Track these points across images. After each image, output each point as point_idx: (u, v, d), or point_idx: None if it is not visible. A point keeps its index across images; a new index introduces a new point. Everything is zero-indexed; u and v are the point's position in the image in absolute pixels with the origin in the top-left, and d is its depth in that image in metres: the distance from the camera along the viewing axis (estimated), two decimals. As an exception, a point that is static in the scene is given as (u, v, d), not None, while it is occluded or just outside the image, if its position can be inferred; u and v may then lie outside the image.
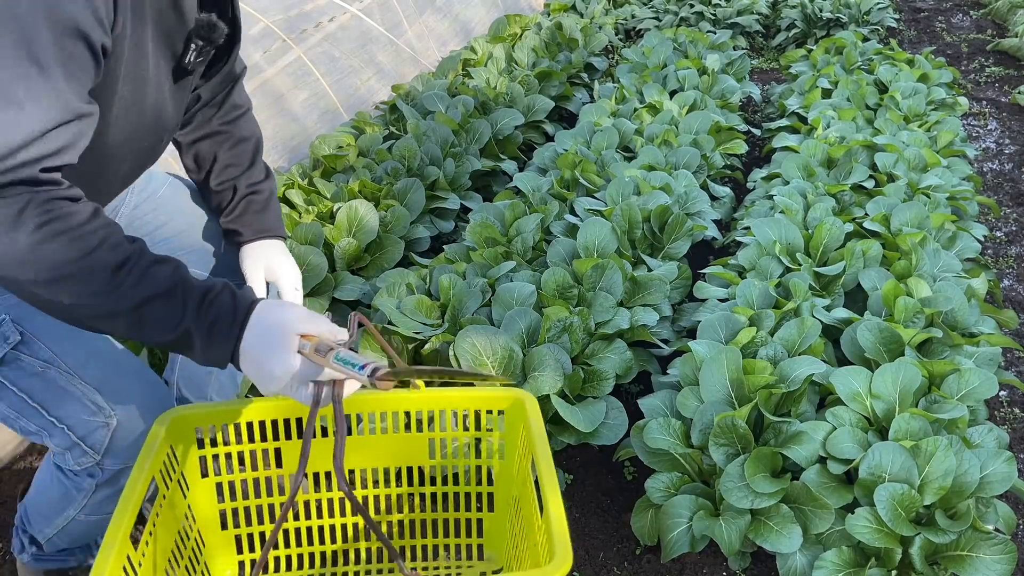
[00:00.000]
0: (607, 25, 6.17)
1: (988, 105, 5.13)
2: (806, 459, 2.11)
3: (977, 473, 2.01)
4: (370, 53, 4.78)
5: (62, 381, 1.54)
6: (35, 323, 1.54)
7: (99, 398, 1.55)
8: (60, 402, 1.54)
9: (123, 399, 1.56)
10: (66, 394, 1.54)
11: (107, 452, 1.58)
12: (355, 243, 3.11)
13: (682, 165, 3.67)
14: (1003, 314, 2.91)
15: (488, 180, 4.05)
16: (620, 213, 3.06)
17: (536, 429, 1.61)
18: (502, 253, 2.98)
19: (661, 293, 2.78)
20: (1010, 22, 6.40)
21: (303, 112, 4.13)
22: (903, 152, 3.62)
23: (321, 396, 1.32)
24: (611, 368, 2.49)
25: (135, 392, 1.59)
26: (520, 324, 2.53)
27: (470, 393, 1.75)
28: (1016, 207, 4.02)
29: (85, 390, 1.55)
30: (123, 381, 1.58)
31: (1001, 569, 1.92)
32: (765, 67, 5.96)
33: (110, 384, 1.56)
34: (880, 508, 1.94)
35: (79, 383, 1.55)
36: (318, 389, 1.33)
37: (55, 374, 1.54)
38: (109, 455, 1.59)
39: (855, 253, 2.85)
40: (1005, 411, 2.74)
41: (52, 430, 1.56)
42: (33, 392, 1.54)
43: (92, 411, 1.55)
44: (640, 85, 4.61)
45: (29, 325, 1.54)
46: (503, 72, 4.97)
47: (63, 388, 1.54)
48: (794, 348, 2.41)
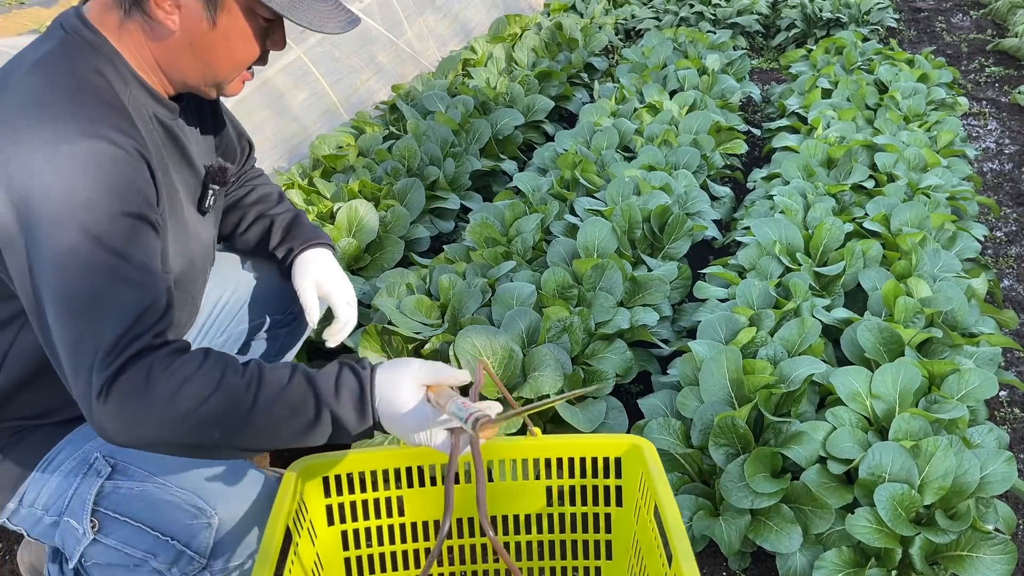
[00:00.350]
0: (607, 25, 6.17)
1: (988, 105, 5.13)
2: (806, 459, 2.11)
3: (977, 473, 2.01)
4: (370, 53, 4.78)
5: (160, 493, 1.56)
6: (123, 451, 1.59)
7: (198, 500, 1.56)
8: (162, 514, 1.55)
9: (221, 496, 1.57)
10: (166, 504, 1.55)
11: (213, 553, 1.57)
12: (355, 243, 3.11)
13: (682, 165, 3.67)
14: (1003, 314, 2.91)
15: (488, 180, 4.05)
16: (620, 213, 3.06)
17: (657, 476, 1.58)
18: (502, 253, 2.98)
19: (661, 293, 2.78)
20: (1010, 22, 6.40)
21: (303, 112, 4.13)
22: (903, 152, 3.62)
23: (459, 443, 1.37)
24: (611, 368, 2.49)
25: (231, 486, 1.60)
26: (520, 324, 2.53)
27: (586, 440, 1.74)
28: (1016, 207, 4.02)
29: (184, 496, 1.56)
30: (218, 478, 1.60)
31: (1001, 569, 1.92)
32: (765, 67, 5.96)
33: (205, 484, 1.58)
34: (880, 508, 1.94)
35: (176, 491, 1.56)
36: (455, 438, 1.38)
37: (152, 488, 1.56)
38: (216, 556, 1.58)
39: (855, 253, 2.85)
40: (1005, 411, 2.74)
41: (157, 548, 1.56)
42: (137, 513, 1.56)
43: (193, 515, 1.55)
44: (640, 85, 4.61)
45: (118, 454, 1.59)
46: (503, 72, 4.97)
47: (162, 500, 1.56)
48: (794, 348, 2.41)
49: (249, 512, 1.59)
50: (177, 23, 1.42)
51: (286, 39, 1.52)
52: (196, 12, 1.41)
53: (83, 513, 1.57)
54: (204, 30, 1.43)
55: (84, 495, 1.57)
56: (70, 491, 1.59)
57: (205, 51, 1.45)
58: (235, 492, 1.58)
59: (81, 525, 1.57)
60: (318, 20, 1.43)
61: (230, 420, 1.35)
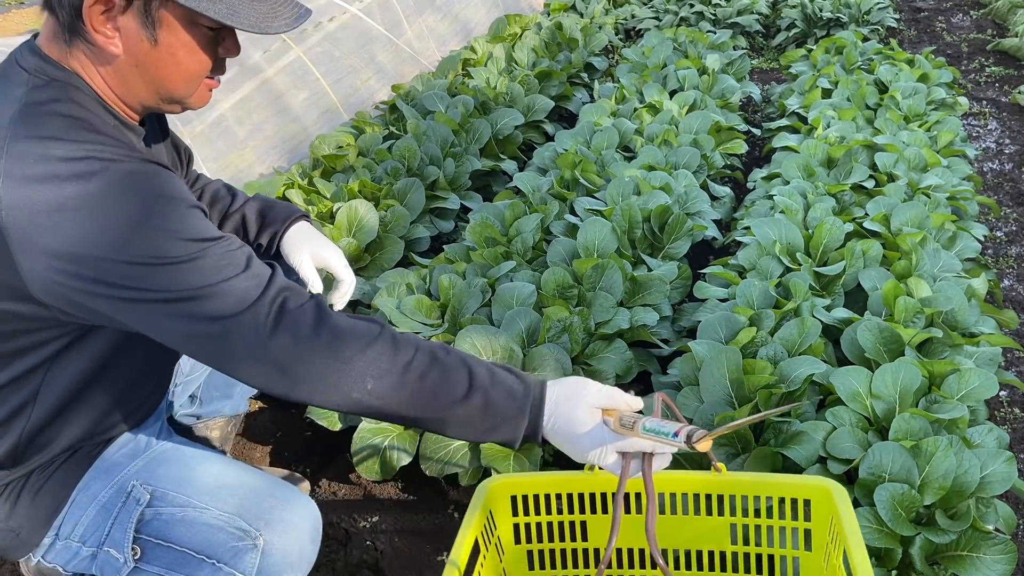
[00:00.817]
0: (607, 25, 6.17)
1: (988, 105, 5.13)
2: (806, 459, 2.11)
3: (977, 473, 2.01)
4: (370, 53, 4.78)
5: (203, 517, 1.56)
6: (161, 477, 1.61)
7: (241, 523, 1.55)
8: (206, 537, 1.55)
9: (264, 518, 1.57)
10: (209, 528, 1.56)
11: (259, 574, 1.56)
12: (355, 243, 3.11)
13: (682, 165, 3.67)
14: (1003, 314, 2.91)
15: (488, 180, 4.05)
16: (620, 213, 3.06)
17: (848, 522, 1.54)
18: (502, 253, 2.98)
19: (661, 293, 2.78)
20: (1010, 22, 6.40)
21: (303, 112, 4.13)
22: (903, 152, 3.62)
23: (629, 468, 1.39)
24: (611, 368, 2.49)
25: (274, 508, 1.59)
26: (520, 324, 2.53)
27: (773, 480, 1.71)
28: (1016, 207, 4.02)
29: (226, 519, 1.56)
30: (260, 501, 1.59)
31: (1001, 569, 1.92)
32: (765, 67, 5.96)
33: (247, 507, 1.58)
34: (880, 508, 1.94)
35: (219, 514, 1.56)
36: (626, 461, 1.40)
37: (194, 514, 1.57)
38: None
39: (855, 253, 2.85)
40: (1005, 411, 2.74)
41: (203, 571, 1.56)
42: (180, 538, 1.56)
43: (238, 536, 1.55)
44: (640, 85, 4.61)
45: (156, 481, 1.61)
46: (503, 72, 4.97)
47: (205, 523, 1.56)
48: (794, 348, 2.41)
49: (294, 535, 1.57)
50: (120, 46, 1.37)
51: (239, 44, 1.47)
52: (135, 32, 1.36)
53: (124, 542, 1.57)
54: (146, 49, 1.38)
55: (124, 524, 1.58)
56: (109, 521, 1.59)
57: (153, 70, 1.41)
58: (280, 516, 1.58)
59: (122, 554, 1.58)
60: (263, 21, 1.38)
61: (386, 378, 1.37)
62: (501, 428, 1.43)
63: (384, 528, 2.31)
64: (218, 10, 1.34)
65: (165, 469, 1.63)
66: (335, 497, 2.43)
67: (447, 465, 2.34)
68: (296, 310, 1.36)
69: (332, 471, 2.52)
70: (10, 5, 7.81)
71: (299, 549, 1.58)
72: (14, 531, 1.59)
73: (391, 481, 2.47)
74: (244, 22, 1.36)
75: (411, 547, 2.25)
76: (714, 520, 1.72)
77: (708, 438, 1.33)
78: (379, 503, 2.41)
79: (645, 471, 1.36)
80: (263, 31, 1.37)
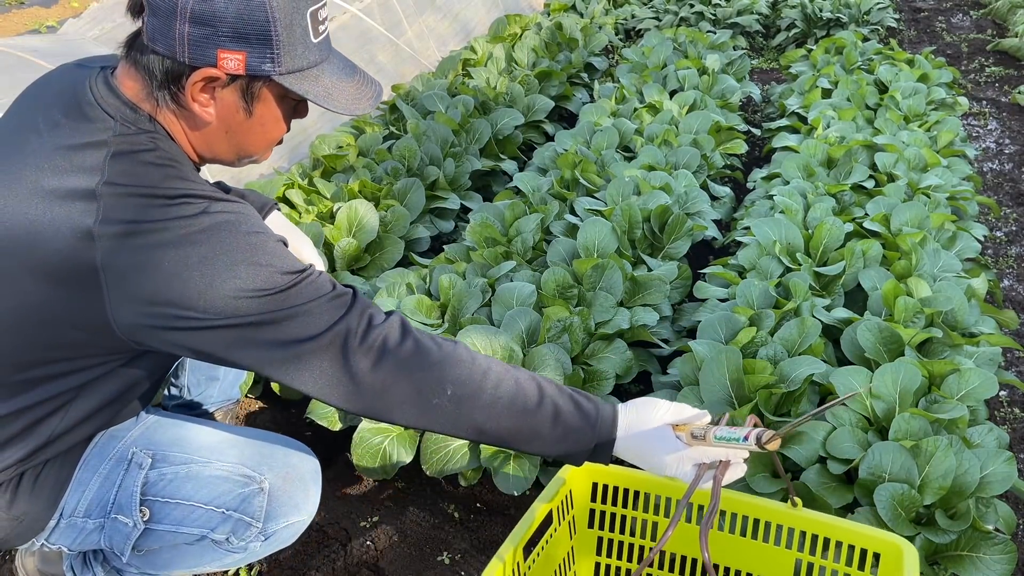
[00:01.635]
0: (607, 25, 6.17)
1: (988, 105, 5.13)
2: (806, 459, 2.11)
3: (977, 473, 2.01)
4: (370, 53, 4.78)
5: (206, 471, 1.64)
6: (159, 441, 1.68)
7: (244, 469, 1.64)
8: (212, 487, 1.62)
9: (267, 463, 1.65)
10: (214, 479, 1.63)
11: (267, 517, 1.63)
12: (355, 243, 3.11)
13: (682, 165, 3.67)
14: (1003, 314, 2.91)
15: (488, 180, 4.05)
16: (620, 213, 3.06)
17: None
18: (502, 253, 2.98)
19: (661, 293, 2.78)
20: (1010, 22, 6.40)
21: (303, 112, 4.12)
22: (903, 152, 3.62)
23: (702, 476, 1.47)
24: (611, 368, 2.49)
25: (275, 454, 1.68)
26: (520, 324, 2.53)
27: (845, 526, 1.71)
28: (1016, 207, 4.02)
29: (231, 467, 1.64)
30: (260, 448, 1.68)
31: (1001, 569, 1.92)
32: (765, 67, 5.96)
33: (249, 455, 1.66)
34: (880, 508, 1.94)
35: (222, 465, 1.64)
36: (701, 470, 1.47)
37: (197, 468, 1.64)
38: (270, 519, 1.64)
39: (855, 253, 2.85)
40: (1005, 411, 2.74)
41: (213, 521, 1.63)
42: (187, 493, 1.63)
43: (243, 482, 1.63)
44: (640, 85, 4.61)
45: (155, 446, 1.67)
46: (503, 72, 4.97)
47: (210, 475, 1.63)
48: (794, 348, 2.41)
49: (297, 477, 1.66)
50: (213, 114, 1.44)
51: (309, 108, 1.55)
52: (233, 104, 1.43)
53: (132, 506, 1.63)
54: (241, 120, 1.45)
55: (130, 489, 1.63)
56: (113, 489, 1.64)
57: (241, 136, 1.49)
58: (281, 460, 1.67)
59: (131, 518, 1.62)
60: (351, 103, 1.47)
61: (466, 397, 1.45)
62: (569, 439, 1.48)
63: (384, 528, 2.31)
64: (318, 93, 1.43)
65: (162, 433, 1.69)
66: (335, 497, 2.43)
67: (447, 465, 2.34)
68: (381, 325, 1.44)
69: (332, 471, 2.52)
70: (10, 5, 7.81)
71: (303, 490, 1.67)
72: (18, 519, 1.60)
73: (391, 481, 2.47)
74: (338, 105, 1.45)
75: (411, 547, 2.25)
76: (781, 551, 1.76)
77: (776, 438, 1.40)
78: (379, 503, 2.41)
79: (717, 478, 1.42)
80: (352, 114, 1.48)
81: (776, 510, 1.74)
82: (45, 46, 3.42)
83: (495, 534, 2.30)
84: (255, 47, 1.36)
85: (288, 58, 1.39)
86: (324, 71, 1.46)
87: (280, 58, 1.38)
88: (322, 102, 1.43)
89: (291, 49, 1.39)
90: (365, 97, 1.50)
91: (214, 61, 1.36)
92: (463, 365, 1.45)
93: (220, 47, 1.35)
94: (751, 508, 1.76)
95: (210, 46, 1.35)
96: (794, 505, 1.72)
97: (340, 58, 1.52)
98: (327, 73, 1.46)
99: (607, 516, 1.86)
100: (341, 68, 1.50)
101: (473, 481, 2.39)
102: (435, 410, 1.43)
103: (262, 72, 1.39)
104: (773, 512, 1.74)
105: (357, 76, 1.52)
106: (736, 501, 1.77)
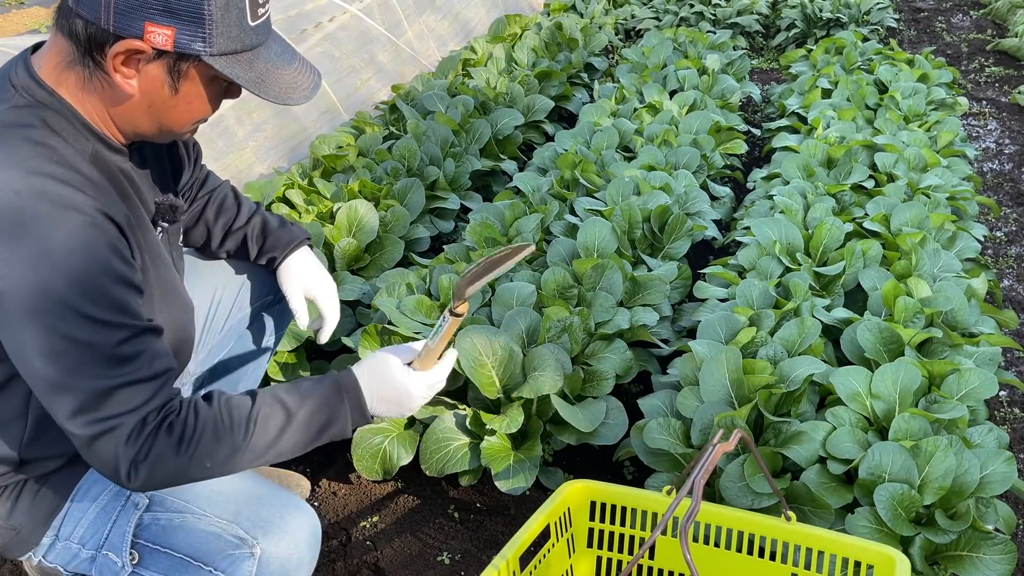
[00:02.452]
0: (607, 25, 6.17)
1: (988, 105, 5.13)
2: (806, 459, 2.11)
3: (977, 473, 2.01)
4: (370, 53, 4.78)
5: (201, 524, 1.56)
6: None
7: (238, 530, 1.55)
8: (203, 544, 1.55)
9: (262, 526, 1.57)
10: (207, 535, 1.56)
11: None
12: (355, 243, 3.11)
13: (682, 165, 3.67)
14: (1003, 314, 2.91)
15: (488, 180, 4.05)
16: (620, 213, 3.06)
17: None
18: (502, 253, 2.98)
19: (661, 293, 2.78)
20: (1010, 22, 6.40)
21: (303, 112, 4.13)
22: (903, 152, 3.62)
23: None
24: (611, 368, 2.49)
25: (272, 517, 1.59)
26: (520, 324, 2.53)
27: (837, 539, 1.74)
28: (1016, 207, 4.02)
29: (224, 526, 1.56)
30: (258, 509, 1.59)
31: (1001, 569, 1.92)
32: (765, 67, 5.96)
33: (245, 515, 1.57)
34: (880, 508, 1.94)
35: (216, 520, 1.56)
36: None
37: (192, 520, 1.57)
38: None
39: (855, 253, 2.85)
40: (1005, 411, 2.74)
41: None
42: (177, 544, 1.57)
43: (235, 544, 1.55)
44: (640, 85, 4.61)
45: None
46: (503, 72, 4.97)
47: (202, 530, 1.56)
48: (794, 348, 2.41)
49: (291, 543, 1.57)
50: (136, 87, 1.38)
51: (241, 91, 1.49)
52: (158, 79, 1.38)
53: (123, 547, 1.58)
54: (165, 96, 1.40)
55: (123, 528, 1.58)
56: (108, 524, 1.59)
57: (163, 112, 1.43)
58: (277, 524, 1.58)
59: (120, 559, 1.58)
60: (285, 93, 1.41)
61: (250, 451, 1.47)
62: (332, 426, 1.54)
63: (384, 528, 2.31)
64: (250, 79, 1.37)
65: None
66: (335, 497, 2.43)
67: (447, 465, 2.34)
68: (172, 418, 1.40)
69: (332, 471, 2.52)
70: (10, 5, 7.81)
71: (297, 557, 1.58)
72: (15, 529, 1.59)
73: (391, 481, 2.47)
74: (270, 93, 1.39)
75: (411, 547, 2.26)
76: (776, 565, 1.77)
77: (462, 301, 1.54)
78: (379, 503, 2.41)
79: (696, 482, 1.38)
80: (285, 103, 1.42)
81: (770, 525, 1.75)
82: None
83: (495, 534, 2.30)
84: (186, 24, 1.30)
85: (221, 39, 1.33)
86: (259, 55, 1.40)
87: (212, 38, 1.32)
88: (253, 88, 1.37)
89: (226, 30, 1.33)
90: (301, 87, 1.44)
91: (140, 33, 1.30)
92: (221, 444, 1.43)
93: (148, 19, 1.29)
94: (745, 523, 1.78)
95: (137, 17, 1.29)
96: (787, 519, 1.73)
97: (280, 43, 1.45)
98: (262, 58, 1.40)
99: (606, 535, 1.87)
100: (279, 54, 1.43)
101: (473, 481, 2.39)
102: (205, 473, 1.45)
103: (192, 51, 1.33)
104: (767, 527, 1.76)
105: (295, 64, 1.46)
106: (730, 517, 1.79)
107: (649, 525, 1.83)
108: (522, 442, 2.38)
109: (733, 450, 1.49)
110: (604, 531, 1.86)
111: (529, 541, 1.66)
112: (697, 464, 1.42)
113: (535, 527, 1.69)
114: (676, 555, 1.84)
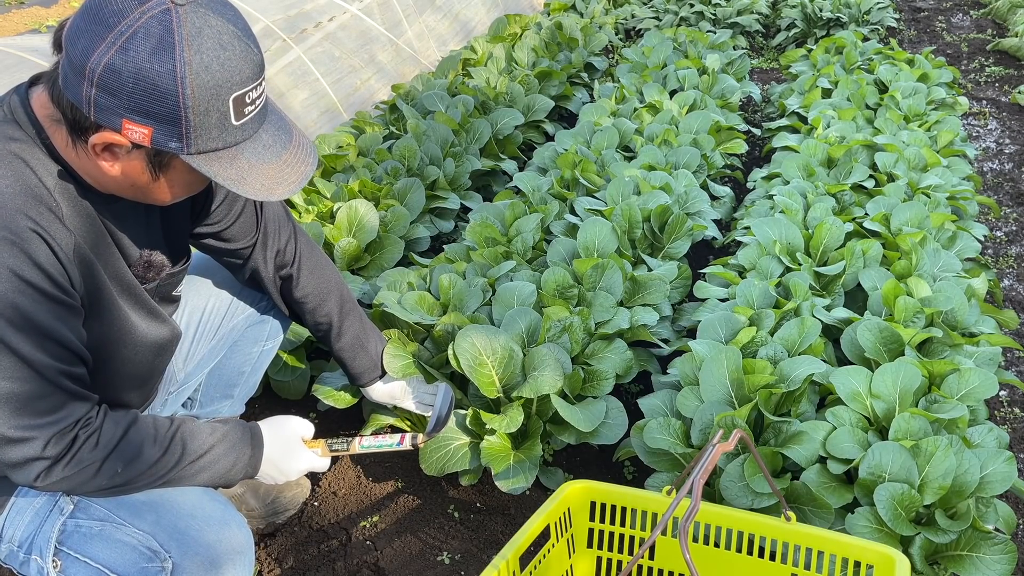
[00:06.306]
0: (607, 25, 6.17)
1: (988, 105, 5.13)
2: (806, 459, 2.11)
3: (977, 473, 2.01)
4: (370, 53, 4.78)
5: (118, 534, 1.57)
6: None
7: (153, 543, 1.55)
8: (119, 555, 1.56)
9: (178, 540, 1.55)
10: (123, 546, 1.56)
11: None
12: (355, 243, 3.11)
13: (682, 165, 3.66)
14: (1003, 314, 2.91)
15: (488, 180, 4.05)
16: (620, 213, 3.06)
17: None
18: (502, 253, 2.98)
19: (661, 293, 2.78)
20: (1010, 22, 6.40)
21: (303, 112, 4.13)
22: (903, 152, 3.62)
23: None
24: (611, 368, 2.49)
25: (190, 530, 1.57)
26: (520, 324, 2.53)
27: (837, 539, 1.74)
28: (1016, 207, 4.02)
29: (140, 537, 1.56)
30: (177, 521, 1.57)
31: (1001, 569, 1.92)
32: (765, 67, 5.96)
33: (163, 527, 1.56)
34: (880, 508, 1.94)
35: (134, 532, 1.56)
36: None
37: (111, 529, 1.57)
38: None
39: (855, 253, 2.85)
40: (1005, 411, 2.74)
41: None
42: (95, 554, 1.57)
43: (148, 557, 1.54)
44: (640, 85, 4.61)
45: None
46: (503, 72, 4.97)
47: (119, 540, 1.56)
48: (794, 348, 2.41)
49: (207, 560, 1.55)
50: (118, 171, 1.38)
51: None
52: (138, 167, 1.38)
53: (47, 552, 1.58)
54: (147, 180, 1.41)
55: (48, 533, 1.58)
56: (37, 528, 1.59)
57: (144, 191, 1.44)
58: (194, 537, 1.55)
59: (45, 564, 1.59)
60: (268, 186, 1.37)
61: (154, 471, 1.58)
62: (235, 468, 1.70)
63: (384, 528, 2.31)
64: (228, 176, 1.35)
65: None
66: (335, 497, 2.43)
67: (447, 465, 2.34)
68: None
69: (332, 471, 2.52)
70: (10, 5, 7.81)
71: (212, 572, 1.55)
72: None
73: (391, 480, 2.47)
74: (249, 191, 1.36)
75: (411, 547, 2.26)
76: (776, 566, 1.78)
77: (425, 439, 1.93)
78: (379, 503, 2.41)
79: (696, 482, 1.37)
80: (266, 199, 1.38)
81: (770, 525, 1.76)
82: (45, 46, 3.42)
83: (495, 534, 2.30)
84: (162, 125, 1.29)
85: (200, 140, 1.32)
86: (244, 151, 1.37)
87: (190, 139, 1.31)
88: (231, 187, 1.35)
89: (204, 132, 1.31)
90: (287, 181, 1.40)
91: (119, 127, 1.30)
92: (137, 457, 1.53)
93: (125, 118, 1.29)
94: (745, 523, 1.78)
95: (115, 114, 1.29)
96: (787, 519, 1.73)
97: (275, 129, 1.42)
98: (247, 153, 1.37)
99: (606, 535, 1.87)
100: (268, 145, 1.40)
101: (473, 481, 2.39)
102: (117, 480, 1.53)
103: (168, 149, 1.32)
104: (767, 527, 1.76)
105: (287, 152, 1.42)
106: (730, 517, 1.79)
107: (649, 525, 1.83)
108: (522, 442, 2.38)
109: (733, 450, 1.49)
110: (604, 531, 1.87)
111: (529, 541, 1.67)
112: (697, 464, 1.42)
113: (535, 527, 1.70)
114: (676, 555, 1.84)
